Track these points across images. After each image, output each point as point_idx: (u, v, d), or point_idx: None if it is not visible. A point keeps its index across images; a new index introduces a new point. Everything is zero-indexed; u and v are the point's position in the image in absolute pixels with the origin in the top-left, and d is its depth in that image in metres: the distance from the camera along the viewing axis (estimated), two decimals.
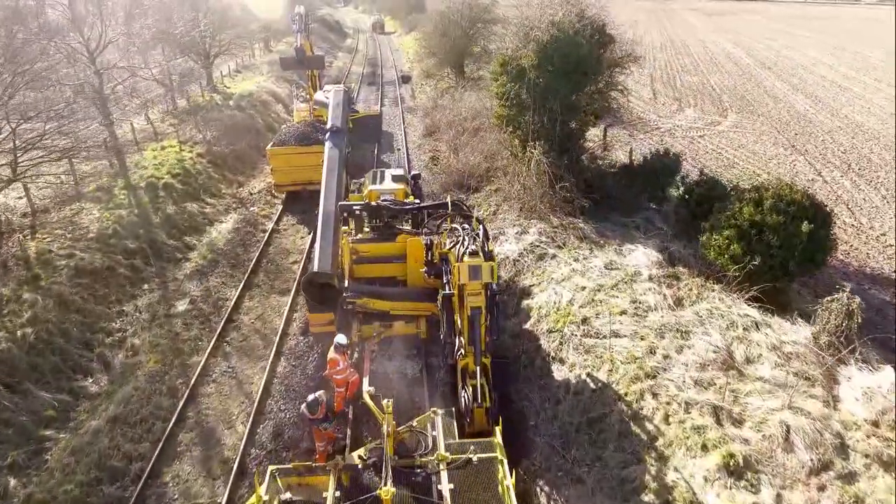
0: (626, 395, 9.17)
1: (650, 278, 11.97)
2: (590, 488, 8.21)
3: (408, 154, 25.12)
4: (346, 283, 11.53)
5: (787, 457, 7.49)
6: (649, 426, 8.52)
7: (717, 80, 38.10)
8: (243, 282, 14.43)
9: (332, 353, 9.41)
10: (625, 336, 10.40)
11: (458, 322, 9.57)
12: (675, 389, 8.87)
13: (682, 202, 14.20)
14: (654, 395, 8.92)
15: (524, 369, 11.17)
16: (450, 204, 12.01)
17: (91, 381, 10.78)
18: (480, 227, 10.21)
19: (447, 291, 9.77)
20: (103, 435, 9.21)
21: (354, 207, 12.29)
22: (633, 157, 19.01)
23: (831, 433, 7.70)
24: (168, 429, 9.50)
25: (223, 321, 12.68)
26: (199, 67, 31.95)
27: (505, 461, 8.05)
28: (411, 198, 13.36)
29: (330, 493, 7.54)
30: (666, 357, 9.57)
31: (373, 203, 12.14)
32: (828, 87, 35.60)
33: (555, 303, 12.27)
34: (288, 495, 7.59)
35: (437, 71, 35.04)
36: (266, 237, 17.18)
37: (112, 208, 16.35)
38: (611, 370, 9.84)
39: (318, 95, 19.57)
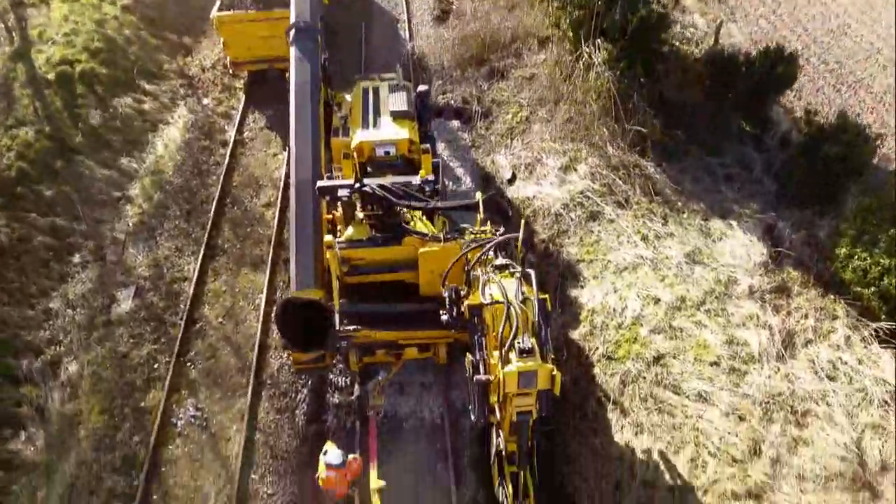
0: None
1: (751, 292, 9.16)
2: None
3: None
4: (335, 303, 8.76)
5: None
6: None
7: None
8: (203, 246, 11.48)
9: (324, 473, 7.22)
10: (716, 405, 8.08)
11: (497, 414, 7.19)
12: None
13: (802, 150, 10.48)
14: None
15: (574, 413, 9.09)
16: (481, 204, 8.59)
17: (24, 438, 8.74)
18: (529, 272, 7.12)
19: (480, 376, 7.15)
20: None
21: (341, 193, 8.84)
22: (723, 38, 14.24)
23: None
24: None
25: (182, 325, 10.17)
26: None
27: None
28: (416, 154, 9.67)
29: None
30: (775, 461, 7.41)
31: (367, 188, 8.58)
32: None
33: (615, 311, 9.65)
34: None
35: None
36: (227, 156, 13.55)
37: (13, 126, 12.44)
38: (694, 461, 7.77)
39: None
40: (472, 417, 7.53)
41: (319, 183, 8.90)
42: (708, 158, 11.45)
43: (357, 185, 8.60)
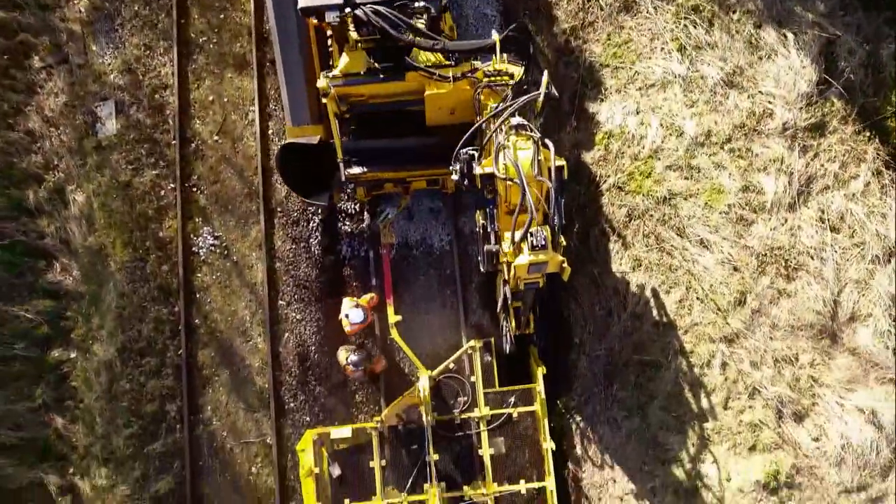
0: (691, 352, 8.58)
1: (784, 129, 8.71)
2: (624, 435, 8.94)
3: None
4: (335, 142, 8.50)
5: (830, 472, 7.90)
6: (704, 402, 8.46)
7: None
8: (175, 42, 10.29)
9: (349, 328, 8.18)
10: (713, 252, 8.63)
11: (505, 272, 7.88)
12: (748, 366, 8.26)
13: None
14: (724, 367, 8.38)
15: (577, 243, 9.70)
16: (498, 45, 7.40)
17: (59, 269, 9.61)
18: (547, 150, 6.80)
19: (490, 246, 7.60)
20: (119, 374, 9.14)
21: (329, 18, 7.65)
22: None
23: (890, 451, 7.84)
24: (184, 352, 9.29)
25: (177, 145, 9.94)
26: None
27: (545, 421, 8.58)
28: None
29: (376, 461, 8.44)
30: (756, 312, 8.34)
31: (360, 12, 7.36)
32: None
33: (633, 138, 9.39)
34: (338, 470, 8.49)
35: None
36: None
37: None
38: (682, 302, 8.75)
39: None
40: (482, 269, 8.23)
41: (301, 2, 7.61)
42: None
43: (346, 6, 7.38)
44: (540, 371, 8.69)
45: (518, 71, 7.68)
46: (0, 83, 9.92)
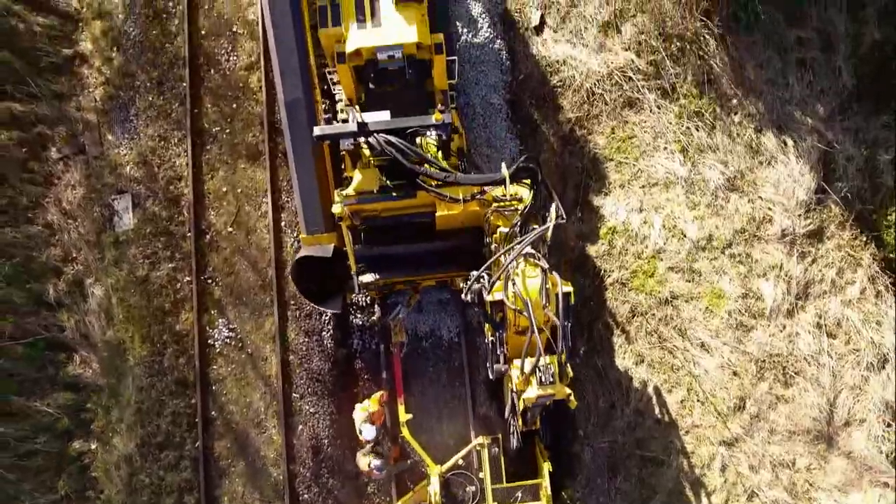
0: (692, 452, 8.95)
1: (783, 235, 9.06)
2: None
3: None
4: (348, 249, 8.81)
5: None
6: (704, 501, 8.83)
7: None
8: (189, 132, 10.58)
9: (361, 437, 8.52)
10: (713, 356, 8.99)
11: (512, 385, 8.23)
12: (747, 469, 8.64)
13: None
14: (723, 469, 8.76)
15: (582, 334, 10.05)
16: (506, 179, 7.70)
17: (79, 361, 9.95)
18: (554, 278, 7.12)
19: (500, 366, 7.94)
20: (139, 468, 9.49)
21: (345, 143, 7.99)
22: None
23: None
24: (201, 444, 9.64)
25: (193, 238, 10.25)
26: None
27: None
28: (426, 53, 8.20)
29: None
30: (755, 417, 8.71)
31: (373, 140, 7.69)
32: None
33: (637, 237, 9.73)
34: None
35: None
36: None
37: None
38: (684, 403, 9.12)
39: None
40: (490, 375, 8.58)
41: (316, 130, 7.92)
42: (783, 34, 9.56)
43: (361, 136, 7.73)
44: (546, 467, 9.04)
45: (527, 195, 7.99)
46: (17, 175, 10.20)
